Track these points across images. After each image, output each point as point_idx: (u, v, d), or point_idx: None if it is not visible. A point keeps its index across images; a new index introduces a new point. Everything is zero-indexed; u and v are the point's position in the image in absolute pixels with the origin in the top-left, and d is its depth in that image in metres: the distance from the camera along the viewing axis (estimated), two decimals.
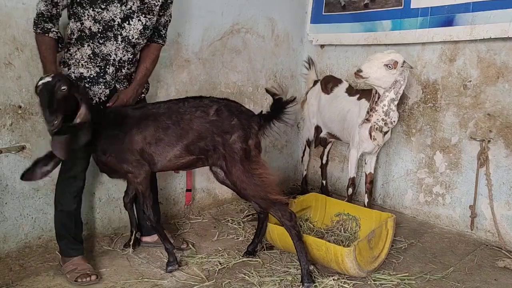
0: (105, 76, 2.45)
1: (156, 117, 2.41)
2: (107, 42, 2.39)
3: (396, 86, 2.85)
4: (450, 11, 3.02)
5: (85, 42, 2.37)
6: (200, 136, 2.38)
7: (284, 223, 2.38)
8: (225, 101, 2.49)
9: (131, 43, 2.46)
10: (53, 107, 2.05)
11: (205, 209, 3.54)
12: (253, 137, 2.40)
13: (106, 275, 2.48)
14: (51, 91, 2.07)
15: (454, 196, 3.25)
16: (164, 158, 2.42)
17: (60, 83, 2.10)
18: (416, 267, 2.66)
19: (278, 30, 3.88)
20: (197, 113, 2.39)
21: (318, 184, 4.02)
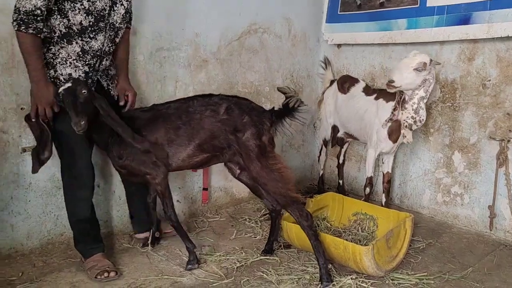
0: (91, 75, 2.39)
1: (166, 118, 2.44)
2: (99, 34, 2.32)
3: (425, 85, 2.85)
4: (467, 9, 2.99)
5: (73, 40, 2.27)
6: (213, 135, 2.40)
7: (301, 223, 2.39)
8: (235, 99, 2.50)
9: (115, 29, 2.42)
10: (78, 110, 2.15)
11: (222, 208, 3.57)
12: (265, 133, 2.41)
13: (127, 272, 2.52)
14: (74, 95, 2.16)
15: (473, 196, 3.23)
16: (177, 158, 2.45)
17: (80, 87, 2.19)
18: (435, 267, 2.65)
19: (295, 30, 3.90)
20: (207, 112, 2.41)
21: (335, 184, 4.02)
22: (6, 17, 2.38)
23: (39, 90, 2.19)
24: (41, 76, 2.18)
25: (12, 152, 2.55)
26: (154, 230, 2.85)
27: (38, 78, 2.18)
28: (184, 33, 3.15)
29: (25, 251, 2.65)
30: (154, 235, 2.85)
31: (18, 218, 2.61)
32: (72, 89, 2.17)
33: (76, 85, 2.18)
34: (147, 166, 2.44)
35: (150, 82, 3.03)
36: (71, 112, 2.15)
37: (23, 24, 2.07)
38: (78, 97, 2.17)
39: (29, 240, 2.67)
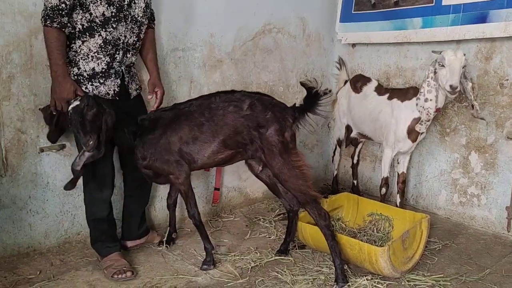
0: (113, 65, 2.41)
1: (188, 116, 2.44)
2: (119, 24, 2.36)
3: (467, 76, 2.87)
4: (484, 7, 2.95)
5: (96, 32, 2.30)
6: (236, 130, 2.40)
7: (318, 222, 2.38)
8: (258, 95, 2.50)
9: (137, 23, 2.46)
10: (86, 129, 2.18)
11: (236, 208, 3.58)
12: (288, 129, 2.40)
13: (142, 271, 2.54)
14: (82, 114, 2.18)
15: (490, 197, 3.19)
16: (202, 155, 2.45)
17: (88, 105, 2.20)
18: (451, 269, 2.62)
19: (309, 30, 3.89)
20: (230, 108, 2.41)
21: (349, 184, 4.00)
22: (24, 19, 2.42)
23: (57, 86, 2.23)
24: (61, 71, 2.21)
25: (30, 152, 2.59)
26: (171, 230, 2.88)
27: (58, 73, 2.21)
28: (199, 34, 3.16)
29: (43, 249, 2.70)
30: (170, 236, 2.88)
31: (36, 217, 2.66)
32: (79, 108, 2.18)
33: (83, 103, 2.18)
34: (171, 166, 2.45)
35: (165, 83, 3.02)
36: (79, 132, 2.18)
37: (49, 19, 2.13)
38: (86, 115, 2.18)
39: (47, 239, 2.71)
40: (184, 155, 2.45)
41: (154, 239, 2.89)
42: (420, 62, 3.48)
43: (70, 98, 2.23)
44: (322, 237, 2.58)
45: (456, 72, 2.74)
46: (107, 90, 2.41)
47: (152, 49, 2.70)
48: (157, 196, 3.15)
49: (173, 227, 2.90)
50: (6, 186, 2.55)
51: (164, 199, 3.15)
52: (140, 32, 2.50)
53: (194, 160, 2.47)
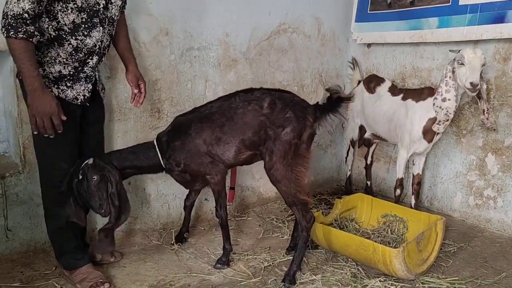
0: (84, 70, 2.21)
1: (209, 118, 2.44)
2: (94, 30, 2.14)
3: (483, 77, 2.85)
4: (502, 7, 2.91)
5: (65, 41, 2.09)
6: (255, 130, 2.38)
7: (300, 223, 2.41)
8: (278, 93, 2.46)
9: (114, 22, 2.29)
10: (95, 199, 2.26)
11: (249, 207, 3.59)
12: (307, 129, 2.38)
13: (156, 269, 2.56)
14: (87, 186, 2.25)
15: (506, 200, 3.14)
16: (228, 156, 2.45)
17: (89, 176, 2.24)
18: (466, 272, 2.60)
19: (324, 30, 3.87)
20: (250, 107, 2.39)
21: (362, 185, 3.98)
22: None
23: (36, 100, 1.97)
24: (38, 84, 1.96)
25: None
26: (183, 230, 2.90)
27: (35, 86, 1.95)
28: (214, 33, 3.17)
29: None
30: (182, 235, 2.90)
31: None
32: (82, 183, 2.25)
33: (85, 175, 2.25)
34: (206, 167, 2.46)
35: (180, 82, 3.06)
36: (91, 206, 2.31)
37: (12, 29, 1.86)
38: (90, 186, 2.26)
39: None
40: (214, 156, 2.45)
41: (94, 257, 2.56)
42: (437, 62, 3.45)
43: (53, 112, 2.00)
44: (335, 238, 2.59)
45: (477, 69, 2.70)
46: (75, 95, 2.20)
47: (125, 35, 2.48)
48: (171, 194, 3.16)
49: (186, 227, 2.92)
50: (23, 183, 2.59)
51: (177, 197, 3.18)
52: (114, 30, 2.33)
53: (222, 160, 2.47)
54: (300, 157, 2.39)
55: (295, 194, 2.37)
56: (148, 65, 2.91)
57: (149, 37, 2.88)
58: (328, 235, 2.62)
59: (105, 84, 2.72)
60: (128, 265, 2.59)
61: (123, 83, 2.79)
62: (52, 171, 2.24)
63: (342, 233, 2.65)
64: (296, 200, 2.38)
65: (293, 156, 2.35)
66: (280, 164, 2.34)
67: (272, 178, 2.39)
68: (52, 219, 2.32)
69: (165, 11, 2.91)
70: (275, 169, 2.35)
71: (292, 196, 2.37)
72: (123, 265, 2.60)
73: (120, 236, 2.92)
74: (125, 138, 2.90)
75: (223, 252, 2.61)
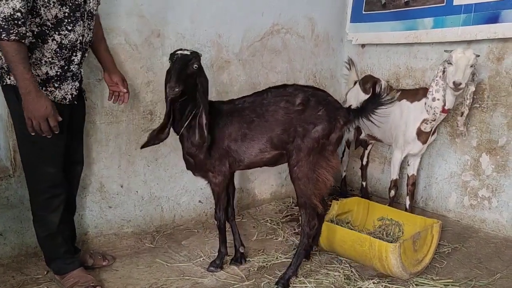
0: (70, 68, 2.16)
1: (240, 113, 2.40)
2: (76, 25, 2.10)
3: (475, 79, 2.85)
4: (496, 7, 2.91)
5: (48, 37, 2.03)
6: (284, 128, 2.33)
7: (303, 228, 2.38)
8: (311, 90, 2.41)
9: (93, 17, 2.23)
10: (181, 78, 2.14)
11: (244, 209, 3.57)
12: (337, 131, 2.32)
13: (148, 272, 2.54)
14: (185, 64, 2.18)
15: (501, 200, 3.13)
16: (250, 154, 2.40)
17: (194, 60, 2.22)
18: (461, 273, 2.58)
19: (318, 30, 3.86)
20: (282, 104, 2.34)
21: (357, 186, 3.97)
22: None
23: (30, 103, 1.93)
24: (32, 86, 1.92)
25: None
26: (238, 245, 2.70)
27: (29, 89, 1.91)
28: (207, 34, 3.15)
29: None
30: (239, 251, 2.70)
31: None
32: (187, 58, 2.20)
33: (192, 56, 2.21)
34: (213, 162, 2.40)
35: None
36: (173, 76, 2.14)
37: (4, 32, 1.80)
38: (188, 67, 2.19)
39: None
40: (231, 153, 2.40)
41: (86, 262, 2.52)
42: (430, 62, 3.44)
43: (49, 114, 1.97)
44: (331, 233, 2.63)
45: (461, 69, 2.70)
46: (63, 95, 2.16)
47: (103, 37, 2.45)
48: (164, 196, 3.14)
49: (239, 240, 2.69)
50: (14, 186, 2.57)
51: (170, 199, 3.16)
52: (93, 23, 2.27)
53: (240, 158, 2.42)
54: (325, 159, 2.34)
55: (310, 196, 2.33)
56: (140, 67, 2.89)
57: (141, 39, 2.86)
58: (324, 230, 2.63)
59: (95, 87, 2.72)
60: (120, 269, 2.57)
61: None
62: (38, 176, 2.19)
63: (338, 228, 2.66)
64: (308, 202, 2.35)
65: (318, 156, 2.31)
66: (305, 162, 2.29)
67: (294, 175, 2.35)
68: (40, 224, 2.27)
69: (157, 13, 2.89)
70: (299, 166, 2.31)
71: (307, 197, 2.34)
72: (115, 268, 2.58)
73: (112, 240, 2.91)
74: (117, 141, 2.88)
75: (218, 255, 2.60)
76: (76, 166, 2.46)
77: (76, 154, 2.43)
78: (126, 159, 2.93)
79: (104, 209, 2.90)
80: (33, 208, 2.28)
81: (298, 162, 2.31)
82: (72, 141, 2.36)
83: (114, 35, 2.76)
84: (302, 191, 2.34)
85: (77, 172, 2.48)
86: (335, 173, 2.43)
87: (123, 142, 2.90)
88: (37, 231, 2.31)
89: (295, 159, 2.32)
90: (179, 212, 3.23)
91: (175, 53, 2.22)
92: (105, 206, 2.90)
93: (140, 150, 2.94)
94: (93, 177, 2.82)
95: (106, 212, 2.91)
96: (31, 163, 2.19)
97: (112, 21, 2.72)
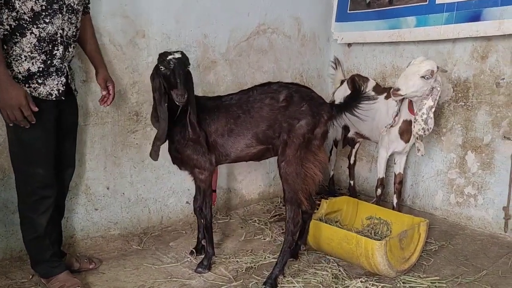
0: (53, 63, 2.13)
1: (227, 109, 2.44)
2: (54, 17, 2.07)
3: (433, 93, 2.78)
4: (478, 5, 2.94)
5: (27, 31, 2.03)
6: (269, 124, 2.38)
7: (288, 225, 2.40)
8: (295, 87, 2.47)
9: (74, 12, 2.19)
10: (185, 81, 2.20)
11: (232, 209, 3.56)
12: (321, 125, 2.37)
13: (136, 274, 2.51)
14: (185, 67, 2.23)
15: (486, 197, 3.16)
16: (236, 148, 2.45)
17: (187, 62, 2.26)
18: (447, 270, 2.60)
19: (305, 30, 3.86)
20: (267, 101, 2.40)
21: (346, 185, 3.98)
22: None
23: (4, 93, 1.94)
24: (5, 77, 1.94)
25: None
26: (200, 237, 2.77)
27: (1, 79, 1.93)
28: (192, 34, 3.14)
29: None
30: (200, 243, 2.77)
31: None
32: (182, 60, 2.22)
33: (185, 58, 2.24)
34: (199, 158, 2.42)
35: None
36: (180, 83, 2.16)
37: None
38: (185, 70, 2.23)
39: None
40: (218, 147, 2.44)
41: (72, 265, 2.49)
42: None
43: (21, 104, 1.96)
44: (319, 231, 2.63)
45: (405, 76, 2.74)
46: (49, 91, 2.12)
47: (93, 38, 2.47)
48: (151, 198, 3.12)
49: (203, 233, 2.70)
50: None
51: (158, 201, 3.15)
52: (77, 21, 2.25)
53: (227, 153, 2.46)
54: (312, 153, 2.39)
55: (297, 191, 2.37)
56: (125, 68, 2.87)
57: (125, 39, 2.84)
58: (312, 228, 2.64)
59: (81, 88, 2.68)
60: (107, 271, 2.54)
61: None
62: (28, 177, 2.17)
63: (326, 226, 2.67)
64: (294, 198, 2.37)
65: (305, 151, 2.36)
66: (293, 156, 2.34)
67: (281, 171, 2.38)
68: (28, 227, 2.24)
69: (141, 13, 2.87)
70: (287, 161, 2.35)
71: (294, 192, 2.37)
72: (102, 271, 2.55)
73: (99, 242, 2.88)
74: (103, 143, 2.85)
75: (205, 256, 2.58)
76: (67, 169, 2.43)
77: (68, 156, 2.41)
78: (112, 161, 2.90)
79: (90, 212, 2.87)
80: (21, 210, 2.25)
81: (286, 157, 2.35)
82: (64, 141, 2.34)
83: (98, 35, 2.71)
84: (290, 186, 2.37)
85: (68, 175, 2.46)
86: (323, 169, 2.46)
87: (109, 143, 2.87)
88: (24, 233, 2.27)
89: (282, 154, 2.37)
90: (167, 214, 3.21)
91: (168, 57, 2.21)
92: (91, 208, 2.87)
93: (127, 152, 2.94)
94: (79, 179, 2.79)
95: (93, 215, 2.88)
96: (20, 164, 2.17)
97: (96, 22, 2.69)
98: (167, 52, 2.25)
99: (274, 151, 2.46)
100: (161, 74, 2.24)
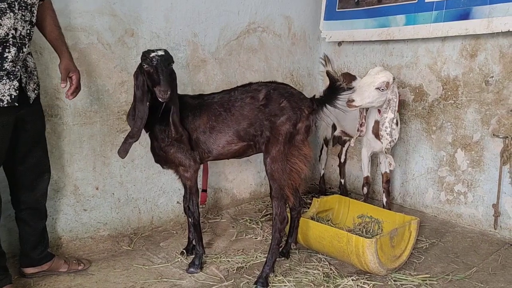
0: (4, 66, 1.95)
1: (209, 107, 2.46)
2: (4, 17, 1.90)
3: (391, 105, 2.81)
4: (467, 4, 2.94)
5: None
6: (250, 122, 2.40)
7: (274, 222, 2.41)
8: (274, 84, 2.50)
9: (28, 7, 2.01)
10: (169, 79, 2.19)
11: (223, 209, 3.54)
12: (303, 120, 2.39)
13: (126, 275, 2.49)
14: (168, 65, 2.23)
15: (476, 195, 3.18)
16: (217, 145, 2.46)
17: (171, 59, 2.25)
18: (438, 267, 2.61)
19: (295, 28, 3.86)
20: (247, 100, 2.43)
21: (336, 183, 3.98)
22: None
23: None
24: None
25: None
26: (190, 237, 2.76)
27: None
28: (182, 33, 3.12)
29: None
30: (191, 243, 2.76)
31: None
32: (165, 58, 2.21)
33: (168, 55, 2.24)
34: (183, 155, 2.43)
35: None
36: (164, 79, 2.16)
37: None
38: (170, 67, 2.24)
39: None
40: (200, 144, 2.45)
41: (60, 267, 2.48)
42: (406, 60, 3.47)
43: None
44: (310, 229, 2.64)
45: (360, 87, 2.76)
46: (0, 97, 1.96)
47: (55, 24, 2.25)
48: (141, 198, 3.10)
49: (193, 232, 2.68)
50: None
51: (148, 201, 3.12)
52: (33, 16, 2.07)
53: (209, 150, 2.47)
54: (296, 148, 2.41)
55: (284, 186, 2.38)
56: (113, 67, 2.84)
57: (114, 38, 2.81)
58: (303, 227, 2.64)
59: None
60: (96, 273, 2.52)
61: (87, 85, 2.72)
62: None
63: (317, 224, 2.67)
64: (281, 194, 2.39)
65: (289, 146, 2.38)
66: (277, 153, 2.36)
67: (267, 167, 2.41)
68: None
69: (130, 12, 2.85)
70: (271, 157, 2.37)
71: (280, 188, 2.38)
72: (91, 272, 2.52)
73: (88, 243, 2.85)
74: (91, 142, 2.82)
75: (195, 255, 2.57)
76: (43, 176, 2.36)
77: (42, 164, 2.34)
78: (101, 161, 2.87)
79: (79, 212, 2.84)
80: None
81: (270, 154, 2.38)
82: (35, 149, 2.26)
83: (86, 34, 2.70)
84: (276, 182, 2.38)
85: (44, 181, 2.38)
86: (309, 162, 2.48)
87: (98, 143, 2.84)
88: None
89: (267, 151, 2.40)
90: (157, 214, 3.19)
91: (151, 54, 2.20)
92: (80, 209, 2.84)
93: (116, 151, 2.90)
94: (67, 179, 2.76)
95: (81, 215, 2.85)
96: None
97: (84, 20, 2.67)
98: (150, 50, 2.24)
99: (257, 148, 2.49)
100: (144, 72, 2.23)
